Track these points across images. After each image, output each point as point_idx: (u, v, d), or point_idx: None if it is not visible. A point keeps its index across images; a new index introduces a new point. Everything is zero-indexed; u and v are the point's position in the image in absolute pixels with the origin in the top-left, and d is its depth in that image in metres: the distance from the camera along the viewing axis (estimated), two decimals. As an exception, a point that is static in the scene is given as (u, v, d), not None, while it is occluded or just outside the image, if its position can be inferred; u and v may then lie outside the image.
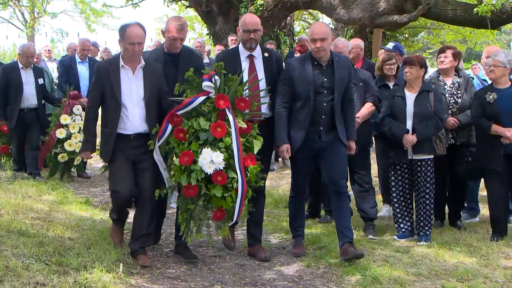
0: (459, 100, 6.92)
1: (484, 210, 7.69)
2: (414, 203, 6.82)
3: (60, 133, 8.09)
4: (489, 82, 7.24)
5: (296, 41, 13.91)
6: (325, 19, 21.21)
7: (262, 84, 5.73)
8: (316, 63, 5.73)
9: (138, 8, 17.12)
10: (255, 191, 5.34)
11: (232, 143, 5.02)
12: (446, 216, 7.44)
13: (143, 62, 5.50)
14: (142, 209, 5.61)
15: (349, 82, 5.86)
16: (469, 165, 6.91)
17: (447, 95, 6.92)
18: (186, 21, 5.85)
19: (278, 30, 14.31)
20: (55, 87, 9.94)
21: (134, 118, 5.46)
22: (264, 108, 5.77)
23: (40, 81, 9.10)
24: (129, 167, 5.51)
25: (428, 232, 6.61)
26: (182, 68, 5.59)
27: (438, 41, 24.13)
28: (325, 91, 5.70)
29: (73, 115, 8.35)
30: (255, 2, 13.89)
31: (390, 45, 8.34)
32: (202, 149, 4.98)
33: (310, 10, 18.93)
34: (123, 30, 5.41)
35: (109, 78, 5.42)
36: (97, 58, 11.88)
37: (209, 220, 5.33)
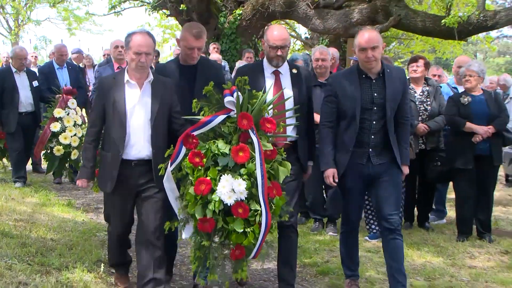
0: (429, 108, 7.03)
1: (451, 212, 7.79)
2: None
3: (55, 127, 7.77)
4: (459, 89, 7.41)
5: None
6: (301, 29, 21.32)
7: (290, 104, 4.71)
8: (364, 76, 4.76)
9: (120, 16, 17.07)
10: (283, 226, 4.57)
11: (256, 169, 4.02)
12: (415, 218, 7.52)
13: (151, 76, 4.52)
14: (145, 248, 4.55)
15: (403, 97, 4.84)
16: (438, 168, 7.02)
17: (417, 103, 7.01)
18: (203, 28, 4.91)
19: (256, 39, 14.33)
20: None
21: (138, 142, 4.47)
22: (290, 131, 4.77)
23: (35, 83, 8.88)
24: (129, 200, 4.63)
25: (398, 233, 6.67)
26: (200, 82, 4.65)
27: (408, 51, 24.33)
28: (375, 108, 4.71)
29: (67, 108, 8.13)
30: (234, 12, 13.93)
31: (358, 55, 8.41)
32: (221, 176, 3.99)
33: (287, 20, 18.98)
34: (128, 38, 4.46)
35: (112, 95, 4.45)
36: (81, 65, 11.80)
37: (226, 258, 4.24)
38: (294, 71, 4.89)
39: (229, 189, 3.93)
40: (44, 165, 9.27)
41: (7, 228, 6.18)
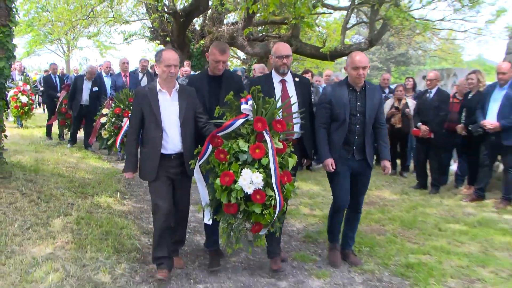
0: (312, 100, 7.13)
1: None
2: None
3: (103, 119, 7.69)
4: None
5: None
6: (240, 53, 21.15)
7: (295, 106, 3.76)
8: (351, 88, 3.80)
9: (130, 44, 16.57)
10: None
11: (269, 163, 3.20)
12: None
13: (177, 85, 3.53)
14: (179, 224, 3.70)
15: (379, 107, 3.87)
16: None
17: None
18: (227, 46, 3.84)
19: (213, 59, 14.19)
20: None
21: (173, 139, 3.44)
22: (296, 128, 3.80)
23: (95, 88, 8.56)
24: (169, 185, 3.50)
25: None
26: (225, 89, 3.68)
27: (303, 67, 24.53)
28: (358, 114, 3.77)
29: (111, 108, 7.87)
30: (199, 41, 13.79)
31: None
32: (242, 169, 3.18)
33: (231, 48, 18.79)
34: (159, 54, 3.49)
35: (148, 102, 3.43)
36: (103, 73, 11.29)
37: (248, 231, 3.48)
38: (297, 79, 3.92)
39: (249, 181, 3.14)
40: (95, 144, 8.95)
41: (61, 171, 6.09)
